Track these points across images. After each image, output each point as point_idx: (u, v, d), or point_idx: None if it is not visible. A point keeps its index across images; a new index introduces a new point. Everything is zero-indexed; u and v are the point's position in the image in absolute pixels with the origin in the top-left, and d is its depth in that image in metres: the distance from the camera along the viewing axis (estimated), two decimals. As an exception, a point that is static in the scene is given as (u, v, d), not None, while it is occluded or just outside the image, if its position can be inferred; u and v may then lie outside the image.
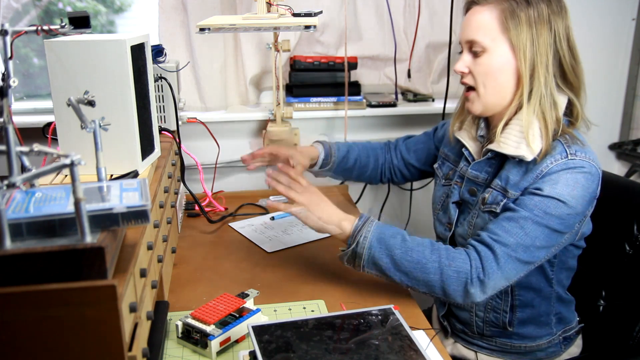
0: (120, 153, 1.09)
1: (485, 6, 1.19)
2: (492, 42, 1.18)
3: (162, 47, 1.46)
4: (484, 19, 1.19)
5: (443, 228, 1.37)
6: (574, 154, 1.15)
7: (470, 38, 1.21)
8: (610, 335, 1.38)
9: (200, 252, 1.47)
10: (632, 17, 2.11)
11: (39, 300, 0.65)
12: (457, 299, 1.15)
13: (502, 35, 1.18)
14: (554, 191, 1.13)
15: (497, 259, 1.13)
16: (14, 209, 0.71)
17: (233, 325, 1.05)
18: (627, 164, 2.20)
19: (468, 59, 1.23)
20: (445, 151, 1.45)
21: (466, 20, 1.23)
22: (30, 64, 1.98)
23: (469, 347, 1.39)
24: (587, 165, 1.15)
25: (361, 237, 1.17)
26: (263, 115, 1.91)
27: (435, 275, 1.14)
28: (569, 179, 1.14)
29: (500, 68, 1.19)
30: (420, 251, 1.16)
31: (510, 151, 1.18)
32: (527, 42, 1.16)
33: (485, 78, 1.21)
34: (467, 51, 1.23)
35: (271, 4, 1.39)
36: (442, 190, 1.41)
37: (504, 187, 1.21)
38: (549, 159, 1.16)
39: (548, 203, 1.14)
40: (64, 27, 1.08)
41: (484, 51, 1.19)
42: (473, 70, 1.22)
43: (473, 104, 1.25)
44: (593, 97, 2.17)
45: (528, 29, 1.16)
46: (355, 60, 1.95)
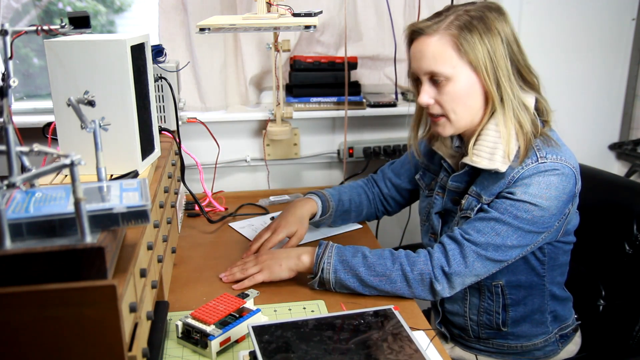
0: (120, 153, 1.09)
1: (433, 35, 1.17)
2: (453, 70, 1.17)
3: (162, 47, 1.46)
4: (439, 48, 1.17)
5: (428, 239, 1.38)
6: (544, 156, 1.16)
7: (429, 70, 1.18)
8: (610, 335, 1.38)
9: (200, 252, 1.47)
10: (632, 17, 2.11)
11: (39, 300, 0.65)
12: (427, 298, 1.20)
13: (461, 60, 1.16)
14: (526, 195, 1.15)
15: (464, 255, 1.16)
16: (14, 209, 0.71)
17: (233, 326, 1.05)
18: (627, 164, 2.20)
19: (431, 90, 1.20)
20: (426, 161, 1.44)
21: (417, 51, 1.20)
22: (30, 64, 1.98)
23: (468, 350, 1.39)
24: (559, 166, 1.15)
25: (324, 264, 1.21)
26: (263, 115, 1.91)
27: (402, 283, 1.18)
28: (541, 182, 1.15)
29: (467, 92, 1.19)
30: (383, 264, 1.19)
31: (485, 165, 1.18)
32: (486, 59, 1.15)
33: (455, 105, 1.19)
34: (427, 82, 1.20)
35: (271, 4, 1.39)
36: (426, 202, 1.41)
37: (479, 192, 1.22)
38: (520, 165, 1.16)
39: (519, 206, 1.15)
40: (64, 27, 1.08)
41: (447, 80, 1.17)
42: (439, 99, 1.20)
43: (444, 128, 1.24)
44: (593, 97, 2.18)
45: (482, 45, 1.15)
46: (355, 60, 1.95)
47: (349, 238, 1.56)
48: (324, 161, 2.05)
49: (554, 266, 1.30)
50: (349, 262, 1.20)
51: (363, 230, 1.61)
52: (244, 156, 1.98)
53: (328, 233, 1.57)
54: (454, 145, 1.32)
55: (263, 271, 1.26)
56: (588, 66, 2.12)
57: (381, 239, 2.05)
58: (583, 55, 2.10)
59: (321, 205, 1.48)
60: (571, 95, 1.29)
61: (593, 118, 2.18)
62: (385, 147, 2.02)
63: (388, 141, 2.04)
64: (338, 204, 1.51)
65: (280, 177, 2.04)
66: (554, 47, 2.07)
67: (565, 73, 2.11)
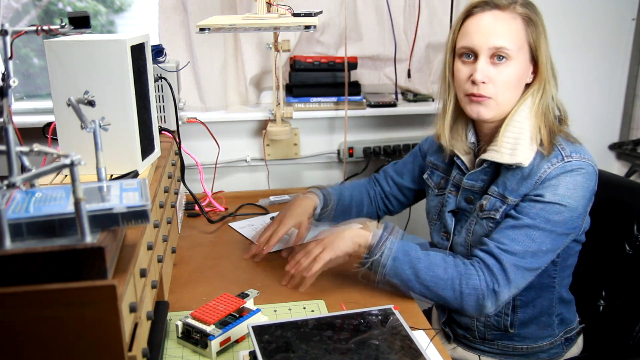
0: (120, 153, 1.09)
1: (506, 12, 1.16)
2: (519, 51, 1.16)
3: (162, 47, 1.46)
4: (513, 25, 1.15)
5: (440, 238, 1.36)
6: (570, 155, 1.16)
7: (496, 45, 1.15)
8: (610, 336, 1.37)
9: (200, 252, 1.47)
10: (632, 17, 2.11)
11: (39, 300, 0.65)
12: (470, 312, 1.17)
13: (526, 43, 1.17)
14: (556, 196, 1.14)
15: (505, 270, 1.14)
16: (14, 209, 0.71)
17: (233, 325, 1.05)
18: (627, 164, 2.20)
19: (488, 68, 1.17)
20: (433, 160, 1.42)
21: (488, 24, 1.16)
22: (30, 64, 1.98)
23: (472, 351, 1.38)
24: (584, 165, 1.16)
25: (386, 248, 1.18)
26: (263, 115, 1.91)
27: (456, 293, 1.15)
28: (569, 182, 1.14)
29: (521, 76, 1.18)
30: (443, 268, 1.16)
31: (506, 159, 1.17)
32: (543, 47, 1.17)
33: (507, 87, 1.17)
34: (487, 59, 1.17)
35: (271, 4, 1.39)
36: (436, 200, 1.39)
37: (502, 193, 1.20)
38: (545, 163, 1.16)
39: (550, 209, 1.14)
40: (64, 27, 1.09)
41: (508, 59, 1.16)
42: (494, 79, 1.17)
43: (487, 110, 1.19)
44: (593, 97, 2.18)
45: (543, 37, 1.17)
46: (355, 60, 1.95)
47: (349, 238, 1.55)
48: (324, 161, 2.05)
49: (564, 267, 1.29)
50: (410, 254, 1.17)
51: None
52: (244, 156, 1.98)
53: (328, 233, 1.57)
54: (469, 142, 1.30)
55: (327, 248, 1.21)
56: (588, 66, 2.12)
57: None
58: (583, 55, 2.10)
59: (322, 199, 1.47)
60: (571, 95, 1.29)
61: (593, 118, 2.18)
62: (385, 147, 2.02)
63: (388, 141, 2.04)
64: (339, 199, 1.50)
65: (280, 177, 2.04)
66: (554, 47, 2.05)
67: (565, 73, 2.09)
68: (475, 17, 1.18)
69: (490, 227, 1.22)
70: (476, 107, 1.20)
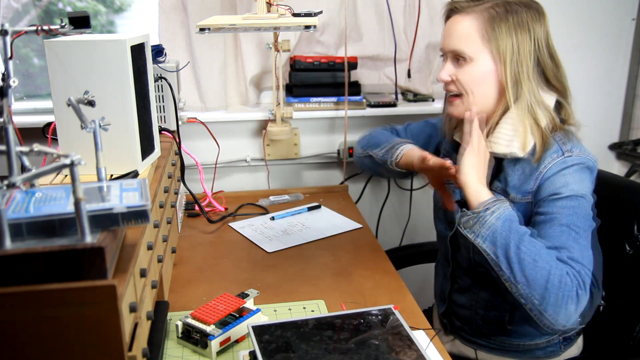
0: (120, 153, 1.09)
1: (466, 15, 1.20)
2: (475, 53, 1.19)
3: (162, 47, 1.46)
4: (466, 29, 1.19)
5: (444, 227, 1.37)
6: (570, 150, 1.16)
7: (453, 48, 1.21)
8: (610, 336, 1.37)
9: (200, 252, 1.47)
10: (632, 17, 2.11)
11: (39, 300, 0.65)
12: (554, 315, 1.06)
13: (484, 46, 1.18)
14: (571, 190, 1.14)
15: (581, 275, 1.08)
16: (14, 209, 0.71)
17: (233, 325, 1.05)
18: (627, 164, 2.20)
19: (451, 68, 1.23)
20: (447, 148, 1.44)
21: (448, 28, 1.24)
22: (30, 64, 1.97)
23: (468, 344, 1.39)
24: (585, 160, 1.16)
25: (495, 207, 1.11)
26: (263, 115, 1.91)
27: (542, 279, 1.05)
28: (576, 177, 1.15)
29: (484, 77, 1.20)
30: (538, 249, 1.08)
31: (502, 150, 1.19)
32: (508, 52, 1.17)
33: (471, 86, 1.21)
34: (450, 60, 1.24)
35: (271, 4, 1.39)
36: None
37: (505, 189, 1.21)
38: (546, 159, 1.17)
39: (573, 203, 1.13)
40: (64, 27, 1.09)
41: (467, 61, 1.20)
42: (458, 78, 1.22)
43: (457, 108, 1.25)
44: (593, 97, 2.18)
45: (509, 38, 1.17)
46: (355, 60, 1.95)
47: (349, 238, 1.56)
48: (324, 161, 2.05)
49: None
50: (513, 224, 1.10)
51: (363, 230, 1.61)
52: (244, 156, 1.98)
53: (327, 233, 1.57)
54: None
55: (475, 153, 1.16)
56: (588, 66, 2.12)
57: (381, 239, 2.05)
58: (583, 55, 2.10)
59: None
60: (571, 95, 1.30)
61: (593, 118, 2.18)
62: (385, 147, 2.02)
63: (388, 141, 2.03)
64: None
65: (280, 177, 2.04)
66: (554, 47, 2.07)
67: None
68: (447, 21, 1.25)
69: None
70: (449, 107, 1.27)
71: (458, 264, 1.36)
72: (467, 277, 1.34)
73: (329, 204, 1.81)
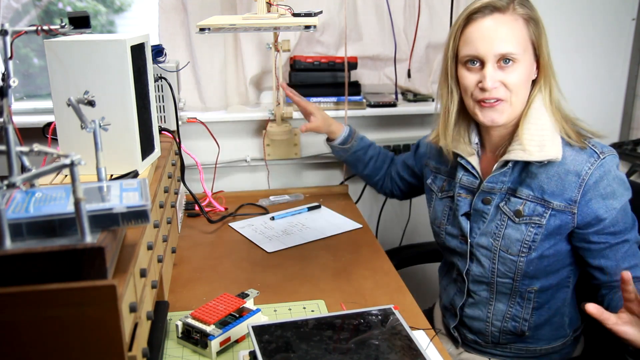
0: (120, 153, 1.09)
1: (507, 14, 1.14)
2: (524, 52, 1.16)
3: (162, 47, 1.46)
4: (514, 29, 1.14)
5: (458, 241, 1.31)
6: (602, 152, 1.17)
7: (503, 51, 1.14)
8: (611, 336, 1.37)
9: (200, 252, 1.47)
10: (632, 17, 2.11)
11: (39, 300, 0.65)
12: None
13: (529, 43, 1.17)
14: (619, 202, 1.17)
15: None
16: (14, 209, 0.71)
17: (233, 325, 1.05)
18: (627, 164, 2.20)
19: (497, 73, 1.16)
20: (434, 164, 1.41)
21: (489, 30, 1.14)
22: (30, 64, 1.97)
23: (481, 355, 1.36)
24: (615, 158, 1.18)
25: None
26: (263, 115, 1.91)
27: None
28: (618, 181, 1.17)
29: (528, 76, 1.18)
30: None
31: (536, 157, 1.15)
32: (544, 44, 1.17)
33: (517, 88, 1.16)
34: (493, 64, 1.15)
35: (271, 4, 1.38)
36: (442, 204, 1.36)
37: (541, 197, 1.18)
38: (582, 164, 1.15)
39: (626, 210, 1.19)
40: (64, 27, 1.09)
41: (515, 62, 1.15)
42: (505, 81, 1.16)
43: (502, 114, 1.18)
44: (593, 97, 2.18)
45: (543, 30, 1.17)
46: (355, 60, 1.95)
47: (349, 238, 1.56)
48: (324, 161, 2.05)
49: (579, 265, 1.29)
50: None
51: (363, 230, 1.61)
52: (244, 156, 1.98)
53: (328, 232, 1.57)
54: (473, 143, 1.28)
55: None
56: (588, 66, 2.12)
57: (381, 239, 2.05)
58: (583, 55, 2.10)
59: (346, 134, 1.61)
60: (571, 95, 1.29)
61: (593, 118, 2.17)
62: (385, 147, 2.02)
63: (388, 141, 2.04)
64: (360, 149, 1.64)
65: (280, 177, 2.04)
66: (553, 47, 2.05)
67: (565, 73, 2.08)
68: (476, 23, 1.16)
69: (531, 232, 1.20)
70: (489, 113, 1.18)
71: (474, 278, 1.30)
72: (486, 290, 1.30)
73: (329, 204, 1.81)
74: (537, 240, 1.19)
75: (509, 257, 1.22)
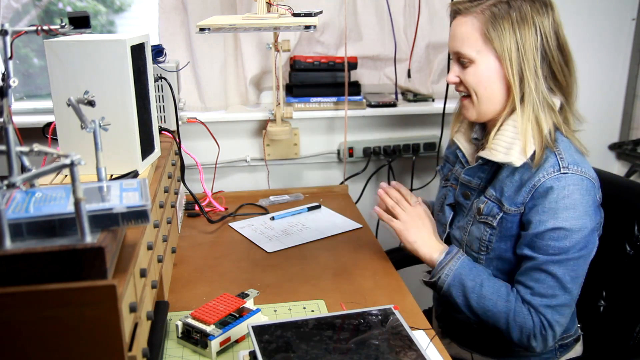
0: (120, 153, 1.09)
1: (467, 17, 1.19)
2: (478, 54, 1.18)
3: (162, 47, 1.46)
4: (467, 31, 1.19)
5: (441, 229, 1.37)
6: (567, 167, 1.14)
7: (455, 50, 1.22)
8: (610, 336, 1.37)
9: (200, 252, 1.47)
10: (632, 17, 2.11)
11: (39, 300, 0.65)
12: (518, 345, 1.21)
13: (486, 46, 1.17)
14: (556, 222, 1.12)
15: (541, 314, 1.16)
16: (14, 209, 0.71)
17: (233, 325, 1.05)
18: (627, 164, 2.20)
19: (457, 69, 1.23)
20: (447, 153, 1.45)
21: (451, 30, 1.23)
22: (30, 64, 1.98)
23: (464, 348, 1.39)
24: (579, 180, 1.13)
25: (443, 274, 1.24)
26: (263, 115, 1.91)
27: (503, 325, 1.19)
28: (567, 204, 1.12)
29: (489, 78, 1.19)
30: (493, 301, 1.19)
31: (500, 158, 1.18)
32: (512, 49, 1.15)
33: (476, 87, 1.21)
34: (455, 61, 1.24)
35: (271, 4, 1.38)
36: (442, 192, 1.41)
37: (499, 198, 1.21)
38: (541, 172, 1.14)
39: (557, 236, 1.12)
40: (64, 27, 1.09)
41: (470, 62, 1.20)
42: (463, 79, 1.22)
43: (468, 110, 1.26)
44: (593, 97, 2.18)
45: (512, 36, 1.14)
46: (355, 60, 1.95)
47: (349, 238, 1.56)
48: (324, 161, 2.05)
49: None
50: (465, 284, 1.21)
51: (363, 230, 1.61)
52: (244, 156, 1.98)
53: (327, 232, 1.57)
54: (473, 137, 1.32)
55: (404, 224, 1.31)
56: (588, 66, 2.12)
57: (381, 239, 2.05)
58: (583, 55, 2.09)
59: None
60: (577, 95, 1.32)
61: (593, 118, 2.17)
62: (385, 147, 2.02)
63: (388, 141, 2.04)
64: None
65: (280, 177, 2.04)
66: (554, 47, 2.07)
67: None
68: (451, 23, 1.25)
69: (487, 232, 1.22)
70: (462, 109, 1.28)
71: None
72: None
73: (329, 204, 1.81)
74: (492, 241, 1.22)
75: (472, 253, 1.27)
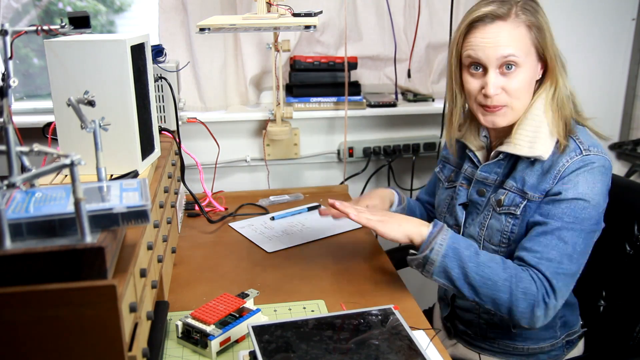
0: (120, 153, 1.09)
1: (508, 21, 1.14)
2: (526, 56, 1.16)
3: (162, 47, 1.46)
4: (515, 34, 1.14)
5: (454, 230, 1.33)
6: (588, 149, 1.15)
7: (505, 54, 1.14)
8: (610, 336, 1.37)
9: (200, 252, 1.47)
10: (632, 17, 2.11)
11: (39, 300, 0.65)
12: (522, 321, 1.13)
13: (532, 48, 1.17)
14: (578, 193, 1.13)
15: (548, 279, 1.12)
16: (14, 209, 0.71)
17: (233, 325, 1.05)
18: (627, 164, 2.20)
19: (499, 79, 1.16)
20: (445, 154, 1.44)
21: (491, 36, 1.15)
22: (30, 64, 1.98)
23: (471, 348, 1.38)
24: (602, 160, 1.15)
25: (436, 244, 1.15)
26: (263, 115, 1.91)
27: (505, 294, 1.12)
28: (588, 178, 1.14)
29: (532, 80, 1.19)
30: (493, 267, 1.13)
31: (525, 152, 1.17)
32: (549, 44, 1.17)
33: (520, 93, 1.17)
34: (496, 70, 1.16)
35: (271, 4, 1.39)
36: (446, 193, 1.40)
37: (521, 188, 1.20)
38: (564, 157, 1.15)
39: (575, 206, 1.13)
40: (64, 27, 1.09)
41: (517, 66, 1.15)
42: (507, 88, 1.17)
43: (504, 118, 1.20)
44: (593, 97, 2.18)
45: (547, 31, 1.16)
46: (355, 60, 1.95)
47: (349, 237, 1.56)
48: (324, 161, 2.05)
49: None
50: (460, 252, 1.14)
51: (363, 230, 1.61)
52: (244, 156, 1.98)
53: (328, 232, 1.57)
54: (482, 136, 1.31)
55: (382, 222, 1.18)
56: (588, 66, 2.12)
57: (381, 239, 2.05)
58: (583, 55, 2.10)
59: (398, 197, 1.48)
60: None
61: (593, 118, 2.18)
62: (385, 147, 2.02)
63: (388, 141, 2.04)
64: (408, 201, 1.52)
65: (280, 177, 2.04)
66: (554, 47, 2.07)
67: (565, 73, 2.11)
68: (478, 31, 1.16)
69: (509, 223, 1.21)
70: (491, 117, 1.20)
71: None
72: None
73: (329, 204, 1.81)
74: (515, 232, 1.21)
75: (491, 247, 1.24)
